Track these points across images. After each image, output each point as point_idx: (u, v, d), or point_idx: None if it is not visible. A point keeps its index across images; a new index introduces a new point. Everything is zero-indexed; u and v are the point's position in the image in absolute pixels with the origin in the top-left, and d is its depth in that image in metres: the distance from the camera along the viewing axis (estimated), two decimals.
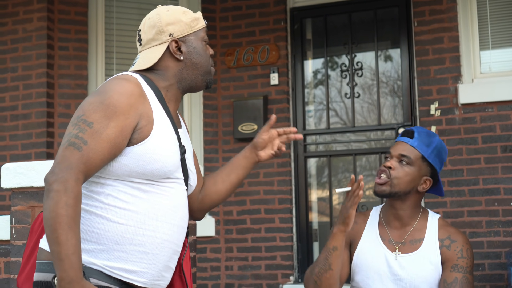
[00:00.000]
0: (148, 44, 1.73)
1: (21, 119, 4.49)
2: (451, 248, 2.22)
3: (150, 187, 1.60)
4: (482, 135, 4.05)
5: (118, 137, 1.55)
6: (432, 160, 2.27)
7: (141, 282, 1.59)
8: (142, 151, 1.58)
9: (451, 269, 2.19)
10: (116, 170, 1.58)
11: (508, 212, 3.94)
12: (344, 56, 4.62)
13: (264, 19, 4.65)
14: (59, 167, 1.49)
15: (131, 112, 1.57)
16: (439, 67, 4.20)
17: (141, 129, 1.59)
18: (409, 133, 2.29)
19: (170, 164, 1.62)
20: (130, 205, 1.58)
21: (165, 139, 1.63)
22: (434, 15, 4.24)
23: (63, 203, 1.45)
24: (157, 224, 1.60)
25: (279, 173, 4.49)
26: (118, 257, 1.56)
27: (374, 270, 2.25)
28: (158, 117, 1.64)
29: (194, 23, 1.75)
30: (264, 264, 4.44)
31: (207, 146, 4.67)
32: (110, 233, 1.56)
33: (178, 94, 1.75)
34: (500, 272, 3.90)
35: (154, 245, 1.60)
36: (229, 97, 4.67)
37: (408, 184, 2.24)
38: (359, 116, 4.57)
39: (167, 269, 1.67)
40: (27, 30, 4.53)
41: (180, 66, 1.73)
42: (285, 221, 4.44)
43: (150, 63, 1.71)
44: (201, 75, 1.77)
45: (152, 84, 1.69)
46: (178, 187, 1.68)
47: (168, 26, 1.72)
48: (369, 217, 2.37)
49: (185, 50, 1.73)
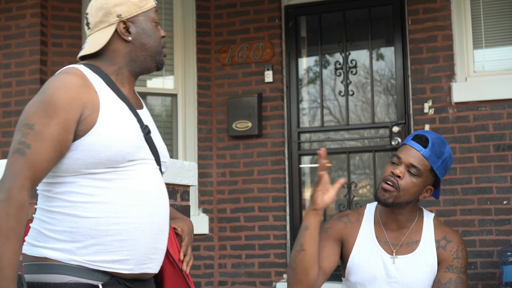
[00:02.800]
0: (96, 27, 1.70)
1: (14, 115, 4.47)
2: (447, 248, 2.20)
3: (114, 174, 1.57)
4: (475, 133, 4.06)
5: (61, 134, 1.52)
6: (440, 172, 2.20)
7: (127, 269, 1.57)
8: (92, 141, 1.55)
9: (445, 270, 2.17)
10: (72, 166, 1.56)
11: (500, 211, 3.95)
12: (338, 54, 4.62)
13: (259, 17, 4.64)
14: (5, 175, 1.49)
15: (72, 105, 1.54)
16: (433, 65, 4.20)
17: (85, 119, 1.55)
18: (422, 140, 2.17)
19: (126, 146, 1.58)
20: (96, 197, 1.55)
21: (116, 123, 1.59)
22: (428, 14, 4.25)
23: (4, 213, 1.44)
24: (129, 209, 1.57)
25: (273, 171, 4.49)
26: (97, 250, 1.54)
27: (370, 272, 2.22)
28: (106, 103, 1.60)
29: (143, 3, 1.71)
30: (257, 262, 4.44)
31: (201, 144, 4.66)
32: (83, 229, 1.54)
33: (130, 76, 1.72)
34: (492, 271, 3.92)
35: (131, 230, 1.57)
36: (223, 95, 4.66)
37: (413, 195, 2.17)
38: (353, 114, 4.57)
39: (155, 250, 1.63)
40: (20, 26, 4.51)
41: (129, 47, 1.70)
42: (278, 219, 4.44)
43: (99, 47, 1.68)
44: (150, 56, 1.72)
45: (100, 71, 1.66)
46: (145, 167, 1.63)
47: (116, 7, 1.68)
48: (363, 216, 2.32)
49: (134, 31, 1.69)
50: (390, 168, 2.18)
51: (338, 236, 2.29)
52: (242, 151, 4.57)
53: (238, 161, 4.58)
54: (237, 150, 4.59)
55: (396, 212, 2.23)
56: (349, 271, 2.28)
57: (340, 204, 4.51)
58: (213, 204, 4.59)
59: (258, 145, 4.54)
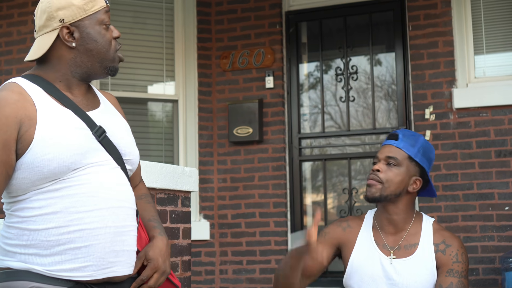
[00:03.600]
0: (41, 31, 1.63)
1: None
2: (446, 252, 2.22)
3: (60, 183, 1.54)
4: (477, 139, 4.06)
5: (2, 155, 1.49)
6: (419, 159, 2.28)
7: (87, 276, 1.54)
8: (32, 158, 1.51)
9: (446, 274, 2.19)
10: (20, 185, 1.54)
11: (502, 217, 3.94)
12: (339, 60, 4.63)
13: (260, 23, 4.65)
14: None
15: (8, 124, 1.50)
16: (433, 71, 4.20)
17: (22, 136, 1.51)
18: (394, 136, 2.31)
19: (69, 156, 1.52)
20: (45, 209, 1.53)
21: (56, 134, 1.53)
22: (429, 20, 4.25)
23: None
24: (80, 216, 1.53)
25: (274, 177, 4.49)
26: (53, 261, 1.53)
27: (369, 275, 2.25)
28: (45, 114, 1.55)
29: (89, 5, 1.62)
30: (258, 268, 4.43)
31: (202, 150, 4.66)
32: (35, 241, 1.53)
33: (76, 80, 1.65)
34: (494, 277, 3.90)
35: (84, 237, 1.53)
36: (224, 100, 4.66)
37: (398, 185, 2.24)
38: (354, 120, 4.57)
39: (116, 253, 1.58)
40: (22, 32, 4.51)
41: (73, 53, 1.62)
42: (280, 224, 4.44)
43: (41, 53, 1.62)
44: (98, 62, 1.64)
45: (41, 79, 1.61)
46: (98, 169, 1.58)
47: (59, 11, 1.60)
48: (363, 221, 2.36)
49: (78, 36, 1.61)
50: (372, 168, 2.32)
51: (335, 242, 2.33)
52: (243, 157, 4.57)
53: (239, 167, 4.58)
54: (238, 156, 4.59)
55: (390, 212, 2.26)
56: (349, 274, 2.30)
57: (341, 210, 4.50)
58: (214, 210, 4.59)
59: (259, 151, 4.54)
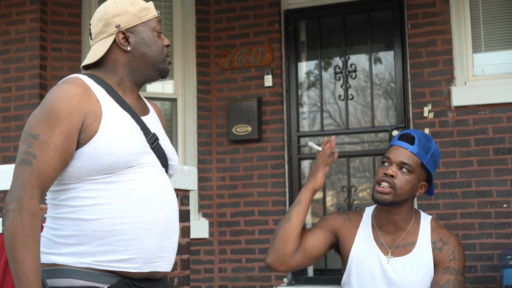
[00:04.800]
0: (97, 38, 1.74)
1: (14, 120, 4.47)
2: (443, 250, 2.22)
3: (116, 177, 1.61)
4: (475, 137, 4.07)
5: (64, 143, 1.56)
6: (430, 166, 2.25)
7: (134, 268, 1.60)
8: (94, 149, 1.58)
9: (443, 271, 2.19)
10: (75, 174, 1.59)
11: (500, 214, 3.95)
12: (338, 58, 4.63)
13: (258, 21, 4.65)
14: (14, 186, 1.53)
15: (74, 114, 1.58)
16: (432, 69, 4.21)
17: (87, 128, 1.59)
18: (409, 138, 2.24)
19: (127, 153, 1.61)
20: (99, 199, 1.59)
21: (118, 132, 1.62)
22: (428, 18, 4.25)
23: (18, 221, 1.48)
24: (134, 209, 1.60)
25: (273, 175, 4.49)
26: (104, 251, 1.57)
27: (368, 273, 2.25)
28: (108, 112, 1.64)
29: (143, 13, 1.74)
30: (257, 266, 4.44)
31: (201, 148, 4.66)
32: (88, 231, 1.57)
33: (132, 85, 1.75)
34: (492, 274, 3.91)
35: (137, 230, 1.59)
36: (223, 99, 4.66)
37: (409, 192, 2.22)
38: (352, 118, 4.58)
39: (163, 248, 1.65)
40: (20, 31, 4.51)
41: (128, 57, 1.73)
42: (278, 223, 4.43)
43: (98, 56, 1.72)
44: (151, 65, 1.74)
45: (101, 81, 1.70)
46: (150, 170, 1.66)
47: (115, 18, 1.72)
48: (362, 218, 2.35)
49: (133, 41, 1.72)
50: (382, 170, 2.23)
51: (334, 229, 2.33)
52: (242, 155, 4.57)
53: (238, 165, 4.58)
54: (237, 154, 4.59)
55: (393, 212, 2.25)
56: (348, 272, 2.30)
57: (340, 208, 4.51)
58: (213, 208, 4.59)
59: (257, 149, 4.54)
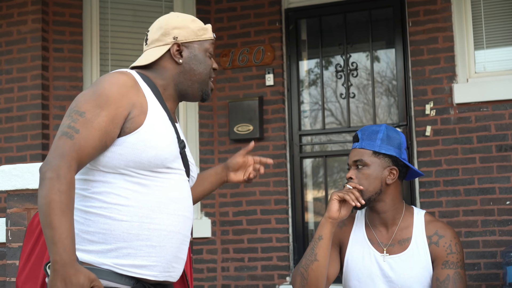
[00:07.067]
0: (152, 44, 1.79)
1: (16, 121, 4.48)
2: (440, 244, 2.19)
3: (150, 180, 1.63)
4: (477, 134, 4.06)
5: (109, 126, 1.58)
6: (385, 149, 2.22)
7: (152, 276, 1.62)
8: (136, 140, 1.60)
9: (442, 266, 2.16)
10: (112, 160, 1.60)
11: (503, 211, 3.95)
12: (339, 57, 4.63)
13: (259, 20, 4.65)
14: (52, 156, 1.53)
15: (123, 102, 1.61)
16: (434, 67, 4.21)
17: (133, 118, 1.62)
18: (355, 138, 2.29)
19: (166, 151, 1.64)
20: (132, 201, 1.60)
21: (160, 129, 1.65)
22: (429, 15, 4.25)
23: (56, 189, 1.48)
24: (161, 216, 1.62)
25: (275, 174, 4.49)
26: (127, 254, 1.59)
27: (365, 274, 2.23)
28: (153, 108, 1.67)
29: (201, 32, 1.80)
30: (260, 265, 4.44)
31: (203, 147, 4.66)
32: (116, 231, 1.58)
33: (174, 95, 1.79)
34: (495, 271, 3.91)
35: (161, 237, 1.62)
36: (224, 98, 4.66)
37: (374, 183, 2.20)
38: (354, 116, 4.58)
39: (178, 259, 1.69)
40: (22, 32, 4.52)
41: (178, 69, 1.77)
42: (281, 221, 4.44)
43: (149, 61, 1.76)
44: (198, 83, 1.79)
45: (149, 80, 1.73)
46: (179, 178, 1.70)
47: (174, 30, 1.77)
48: (355, 219, 2.34)
49: (186, 55, 1.77)
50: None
51: (337, 241, 2.33)
52: None
53: None
54: None
55: (379, 211, 2.25)
56: (346, 274, 2.29)
57: None
58: (215, 208, 4.59)
59: (259, 148, 4.55)
